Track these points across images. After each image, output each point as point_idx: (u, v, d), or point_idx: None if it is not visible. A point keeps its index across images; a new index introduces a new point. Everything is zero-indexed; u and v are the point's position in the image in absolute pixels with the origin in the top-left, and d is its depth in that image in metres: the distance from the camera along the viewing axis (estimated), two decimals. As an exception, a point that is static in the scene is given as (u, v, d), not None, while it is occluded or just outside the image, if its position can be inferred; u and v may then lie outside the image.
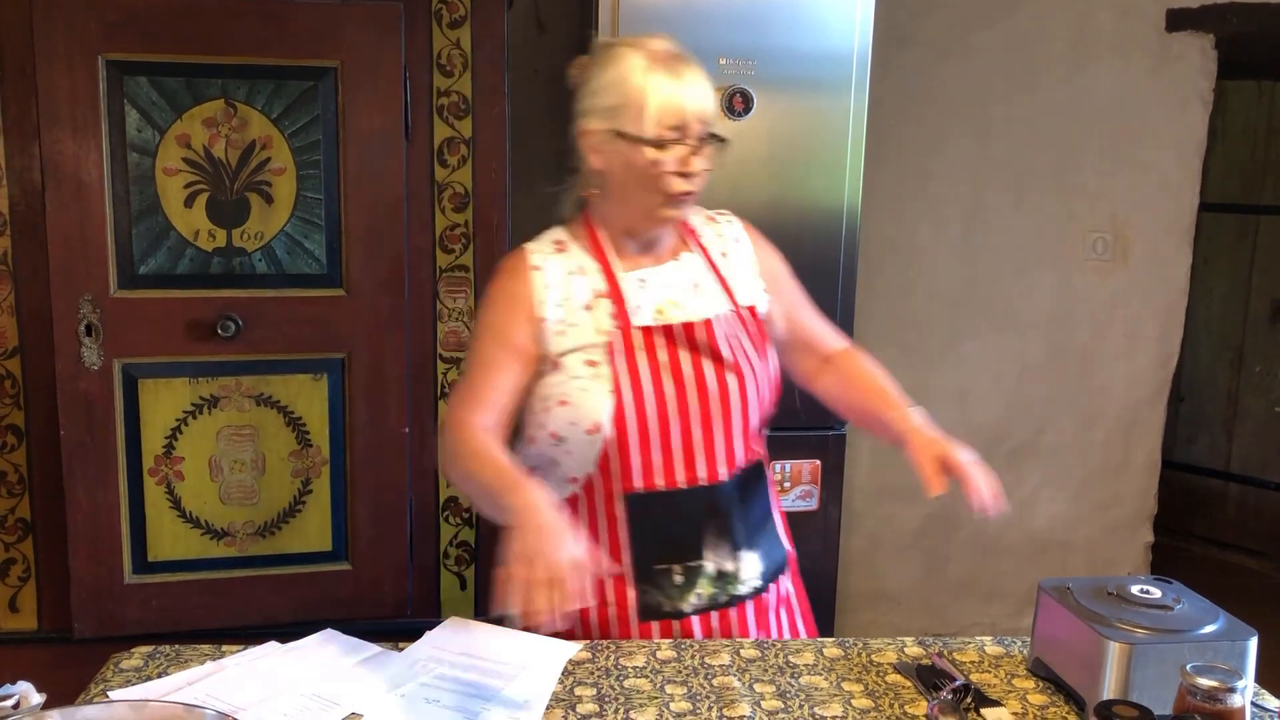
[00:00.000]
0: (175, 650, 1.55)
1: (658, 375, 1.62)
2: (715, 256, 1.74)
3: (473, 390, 1.64)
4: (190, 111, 2.24)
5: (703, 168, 1.62)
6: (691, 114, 1.58)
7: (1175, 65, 3.51)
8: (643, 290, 1.66)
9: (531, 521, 1.40)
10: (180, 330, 2.30)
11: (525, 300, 1.64)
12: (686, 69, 1.60)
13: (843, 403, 1.80)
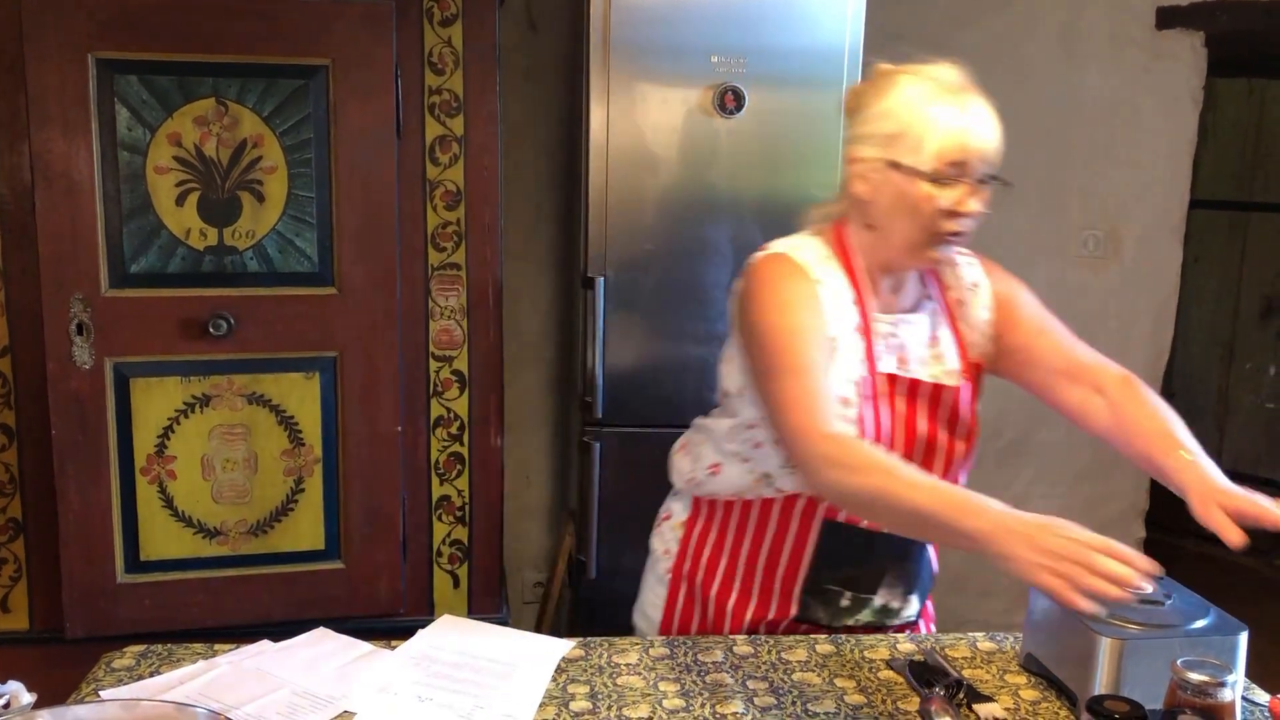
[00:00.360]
0: (167, 649, 1.54)
1: (894, 427, 1.57)
2: (953, 305, 1.66)
3: (819, 395, 1.47)
4: (181, 110, 2.24)
5: (977, 209, 1.53)
6: (974, 151, 1.50)
7: (1166, 63, 3.52)
8: (892, 337, 1.59)
9: (1018, 531, 1.26)
10: (172, 329, 2.30)
11: (820, 311, 1.53)
12: (972, 102, 1.51)
13: (1119, 444, 1.58)
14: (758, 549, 1.66)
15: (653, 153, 2.55)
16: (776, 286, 1.55)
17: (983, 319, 1.67)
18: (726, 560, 1.69)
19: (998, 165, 1.53)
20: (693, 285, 2.61)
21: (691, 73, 2.52)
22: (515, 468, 3.34)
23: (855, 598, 1.66)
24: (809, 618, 1.67)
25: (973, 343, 1.66)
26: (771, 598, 1.66)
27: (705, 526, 1.73)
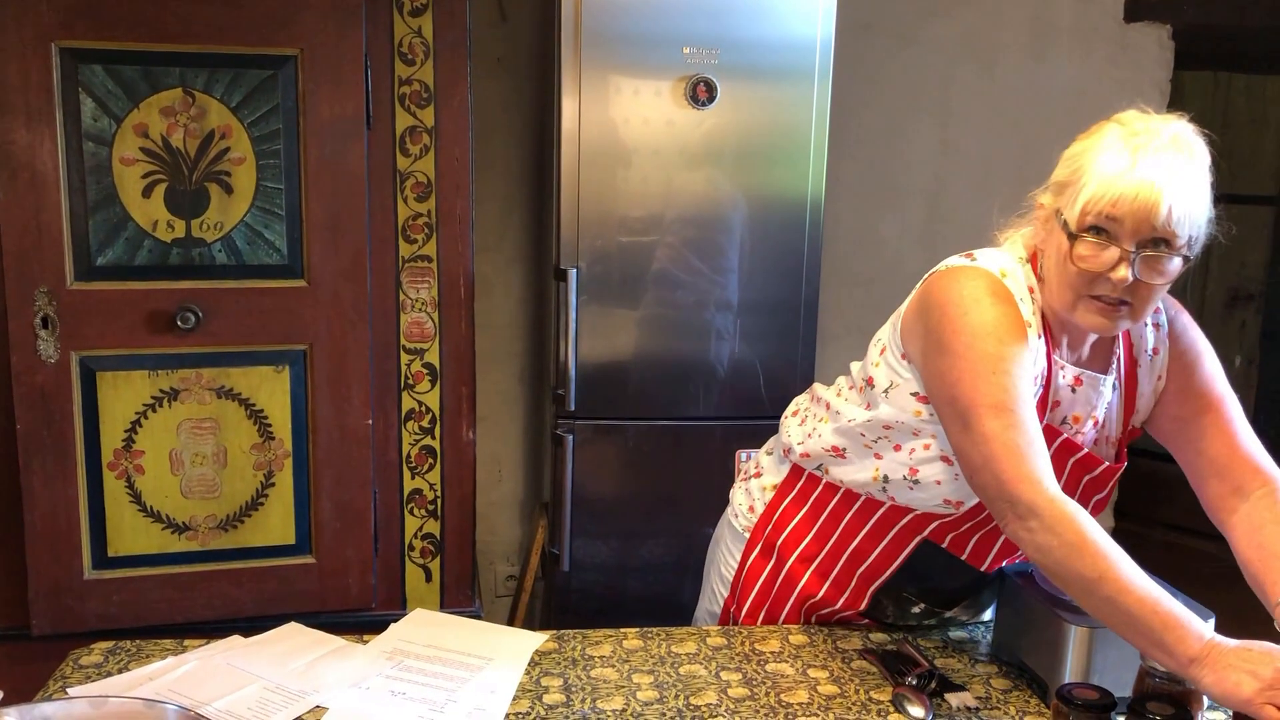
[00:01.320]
0: (136, 646, 1.53)
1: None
2: (1133, 362, 1.54)
3: (1034, 447, 1.36)
4: (147, 100, 2.21)
5: (1127, 276, 1.33)
6: (1131, 209, 1.31)
7: (1133, 55, 3.54)
8: (1070, 391, 1.49)
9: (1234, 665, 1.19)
10: (139, 322, 2.27)
11: (1029, 349, 1.42)
12: (1157, 158, 1.32)
13: (1240, 560, 1.47)
14: (847, 541, 1.62)
15: (625, 144, 2.54)
16: (990, 310, 1.41)
17: (1152, 387, 1.55)
18: (812, 538, 1.65)
19: (1180, 234, 1.33)
20: (665, 276, 2.61)
21: (663, 63, 2.51)
22: (487, 461, 3.33)
23: (928, 609, 1.66)
24: (876, 615, 1.67)
25: (1138, 410, 1.56)
26: (846, 588, 1.64)
27: (800, 498, 1.68)
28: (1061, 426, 1.48)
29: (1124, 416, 1.55)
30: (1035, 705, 1.44)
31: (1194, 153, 1.37)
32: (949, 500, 1.51)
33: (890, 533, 1.59)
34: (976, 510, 1.50)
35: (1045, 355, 1.45)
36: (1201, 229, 1.37)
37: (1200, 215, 1.36)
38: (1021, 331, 1.41)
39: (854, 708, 1.42)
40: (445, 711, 1.38)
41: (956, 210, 3.54)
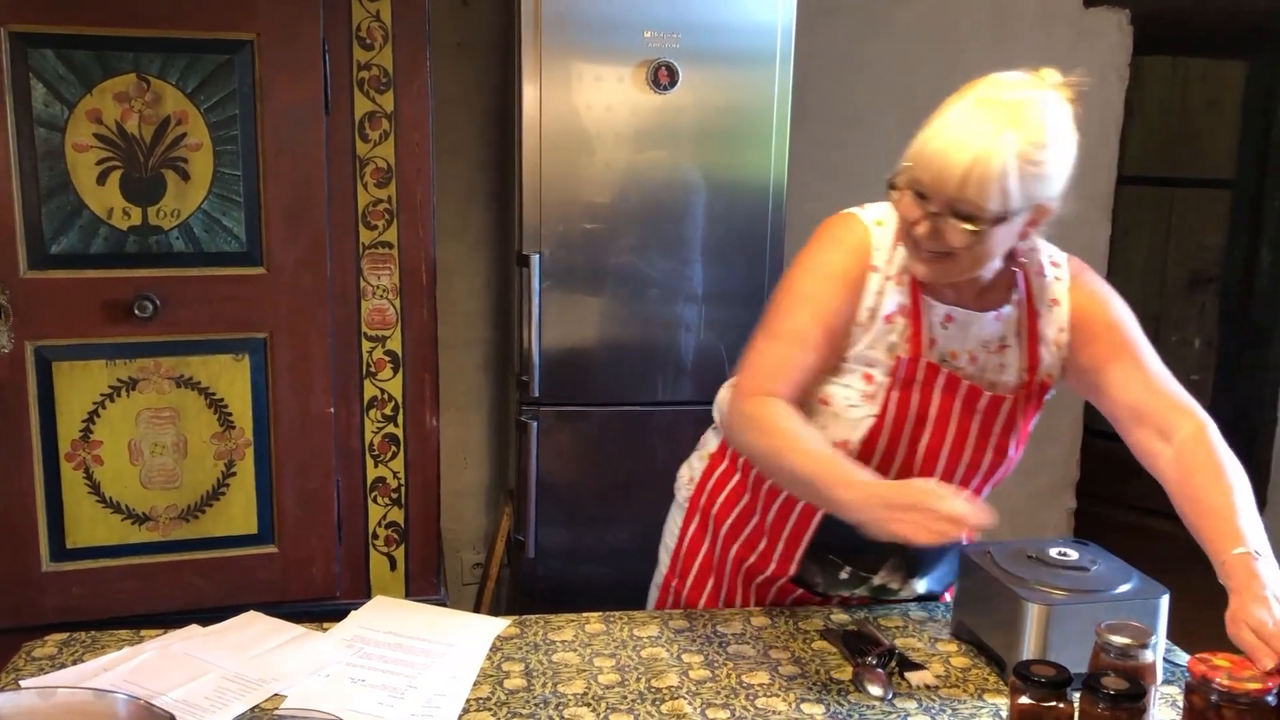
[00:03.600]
0: (91, 637, 1.51)
1: (921, 419, 1.54)
2: (1033, 312, 1.57)
3: (781, 363, 1.51)
4: (101, 85, 2.17)
5: (924, 232, 1.40)
6: (936, 176, 1.36)
7: (1093, 40, 3.57)
8: (943, 328, 1.54)
9: (877, 497, 1.34)
10: (95, 311, 2.24)
11: (855, 292, 1.51)
12: (979, 130, 1.35)
13: (1178, 507, 1.49)
14: (770, 503, 1.65)
15: (586, 129, 2.53)
16: (821, 249, 1.54)
17: (1054, 337, 1.58)
18: (743, 504, 1.70)
19: (987, 205, 1.35)
20: (629, 262, 2.61)
21: (624, 48, 2.51)
22: (452, 448, 3.32)
23: (854, 574, 1.66)
24: (805, 581, 1.68)
25: (1042, 359, 1.58)
26: (774, 553, 1.67)
27: (730, 465, 1.73)
28: (942, 363, 1.54)
29: (1029, 363, 1.57)
30: (994, 682, 1.46)
31: (1033, 124, 1.36)
32: (836, 443, 1.53)
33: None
34: (867, 453, 1.54)
35: (911, 290, 1.51)
36: (1019, 198, 1.37)
37: (1020, 188, 1.36)
38: (850, 280, 1.50)
39: (815, 688, 1.43)
40: (405, 697, 1.37)
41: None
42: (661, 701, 1.38)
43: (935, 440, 1.56)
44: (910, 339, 1.52)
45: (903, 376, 1.52)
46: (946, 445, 1.56)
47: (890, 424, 1.53)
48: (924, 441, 1.55)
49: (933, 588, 1.73)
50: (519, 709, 1.36)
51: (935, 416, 1.54)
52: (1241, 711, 1.17)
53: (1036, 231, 1.48)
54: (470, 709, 1.36)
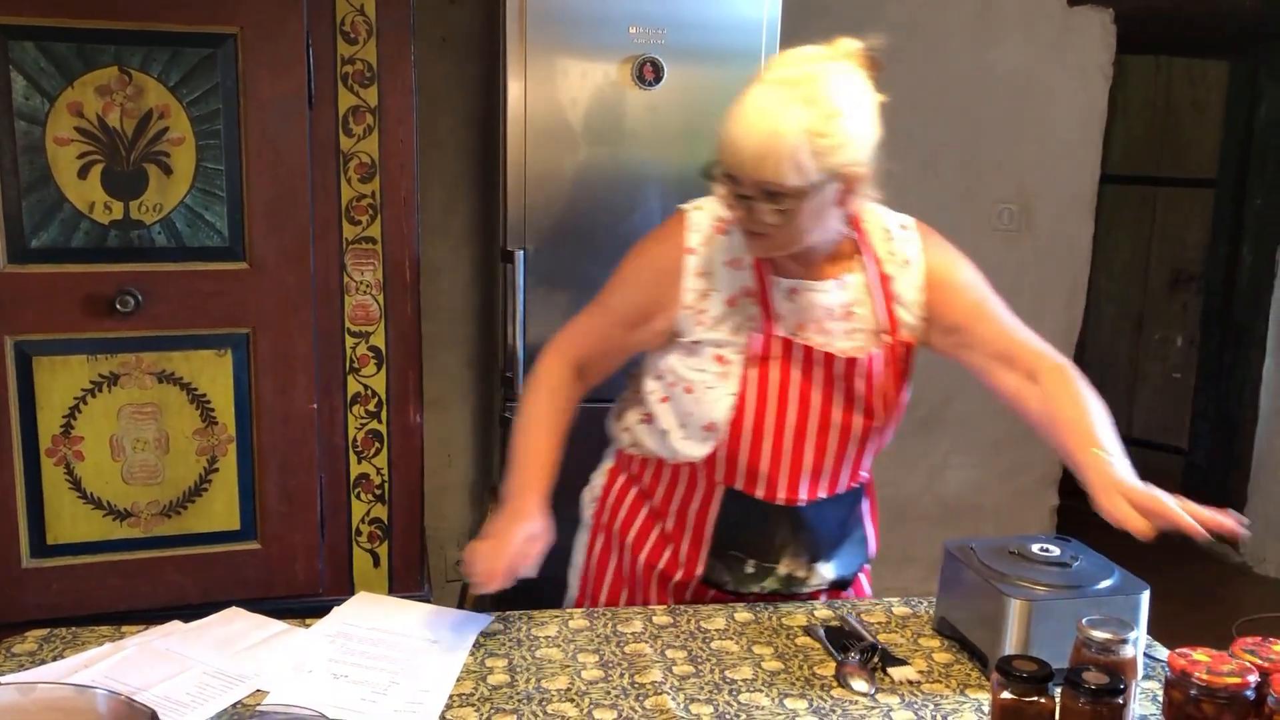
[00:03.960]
0: (72, 633, 1.51)
1: (784, 394, 1.57)
2: (885, 280, 1.61)
3: (584, 329, 1.67)
4: (82, 79, 2.16)
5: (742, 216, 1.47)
6: (735, 166, 1.43)
7: (1077, 39, 3.58)
8: (789, 301, 1.58)
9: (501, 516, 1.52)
10: (76, 306, 2.22)
11: (673, 275, 1.59)
12: (767, 111, 1.39)
13: (1045, 433, 1.57)
14: (667, 507, 1.69)
15: (572, 124, 2.53)
16: (647, 243, 1.66)
17: (913, 298, 1.62)
18: (644, 515, 1.72)
19: (786, 181, 1.40)
20: (614, 258, 2.58)
21: (610, 44, 2.50)
22: (436, 445, 3.31)
23: (759, 565, 1.67)
24: (714, 580, 1.69)
25: (903, 320, 1.62)
26: (680, 557, 1.68)
27: (627, 479, 1.76)
28: (795, 335, 1.57)
29: (889, 325, 1.60)
30: (976, 678, 1.46)
31: (818, 97, 1.40)
32: (705, 426, 1.59)
33: (698, 487, 1.65)
34: (735, 431, 1.57)
35: (755, 271, 1.56)
36: (811, 176, 1.41)
37: (814, 161, 1.40)
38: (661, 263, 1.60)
39: (798, 683, 1.43)
40: (388, 694, 1.37)
41: (903, 192, 3.55)
42: (645, 697, 1.38)
43: (801, 411, 1.59)
44: (758, 318, 1.57)
45: (757, 354, 1.56)
46: (813, 414, 1.59)
47: (753, 401, 1.57)
48: (791, 414, 1.59)
49: (842, 573, 1.74)
50: (502, 705, 1.36)
51: (797, 388, 1.58)
52: (1220, 706, 1.18)
53: (857, 196, 1.51)
54: (453, 705, 1.36)
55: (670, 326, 1.60)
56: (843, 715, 1.36)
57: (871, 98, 1.48)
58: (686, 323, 1.59)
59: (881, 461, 3.67)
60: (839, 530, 1.71)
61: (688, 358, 1.60)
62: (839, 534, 1.72)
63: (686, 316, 1.59)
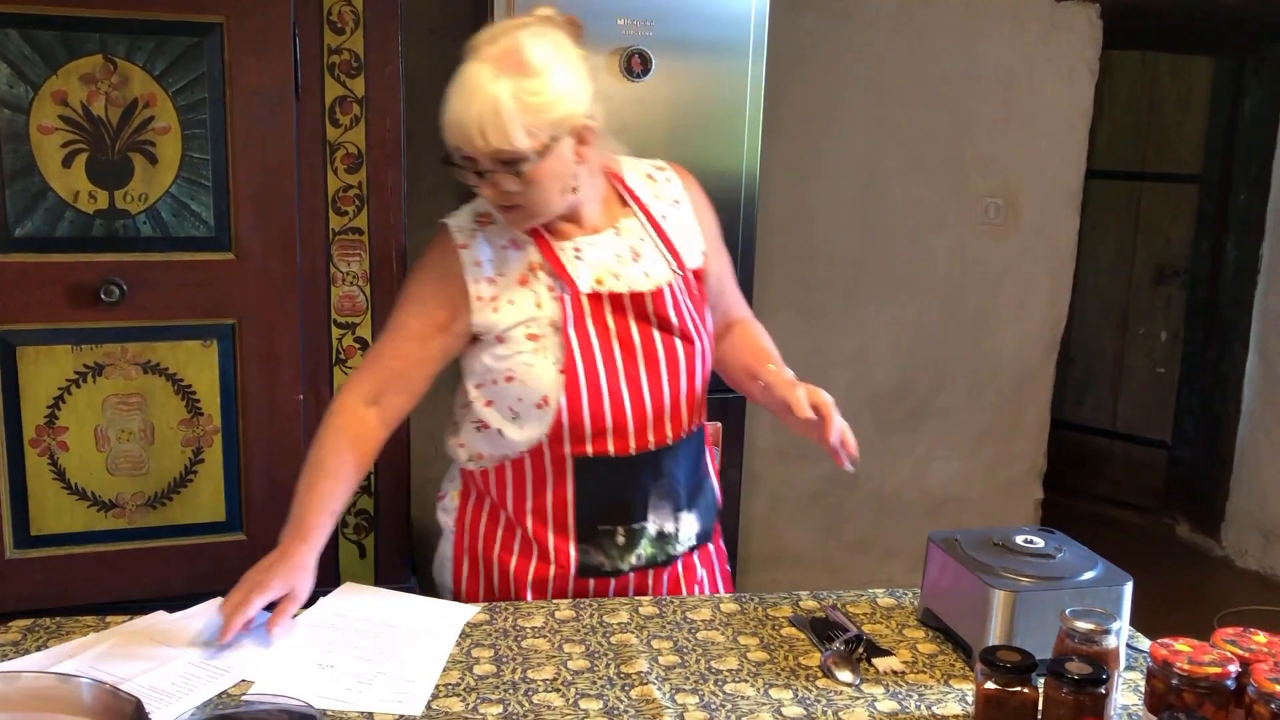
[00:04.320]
0: (56, 623, 1.50)
1: (607, 344, 1.60)
2: (656, 219, 1.69)
3: (377, 354, 1.66)
4: (66, 67, 2.14)
5: (491, 195, 1.52)
6: (458, 139, 1.49)
7: (1063, 34, 3.60)
8: (579, 260, 1.62)
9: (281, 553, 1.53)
10: (61, 296, 2.21)
11: (452, 276, 1.61)
12: (476, 86, 1.46)
13: (726, 364, 1.78)
14: (523, 507, 1.66)
15: (559, 117, 2.52)
16: (419, 262, 1.68)
17: (691, 229, 1.71)
18: (503, 528, 1.70)
19: (513, 146, 1.45)
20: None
21: (598, 35, 2.50)
22: (423, 437, 3.30)
23: (628, 530, 1.66)
24: (592, 565, 1.66)
25: (684, 250, 1.69)
26: (550, 554, 1.66)
27: (477, 496, 1.74)
28: (598, 286, 1.61)
29: (675, 260, 1.67)
30: (960, 668, 1.47)
31: (518, 62, 1.46)
32: (539, 404, 1.59)
33: (547, 473, 1.63)
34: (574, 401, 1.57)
35: (539, 246, 1.61)
36: (542, 129, 1.47)
37: (535, 120, 1.46)
38: (439, 270, 1.62)
39: (783, 673, 1.43)
40: (374, 684, 1.37)
41: (891, 186, 3.58)
42: (631, 687, 1.38)
43: (627, 354, 1.61)
44: (558, 284, 1.59)
45: (568, 315, 1.58)
46: (639, 353, 1.61)
47: (579, 360, 1.58)
48: (619, 359, 1.60)
49: (703, 524, 1.75)
50: (488, 694, 1.36)
51: (616, 335, 1.61)
52: (1201, 695, 1.19)
53: (593, 148, 1.56)
54: (439, 694, 1.36)
55: (466, 329, 1.62)
56: (827, 705, 1.36)
57: (573, 53, 1.53)
58: (483, 316, 1.60)
59: (866, 455, 3.68)
60: (694, 475, 1.73)
61: (498, 348, 1.60)
62: (694, 479, 1.73)
63: (481, 309, 1.60)
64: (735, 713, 1.34)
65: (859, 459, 1.59)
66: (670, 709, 1.33)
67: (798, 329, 3.57)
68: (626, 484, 1.65)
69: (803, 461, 3.61)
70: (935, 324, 3.69)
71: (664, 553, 1.70)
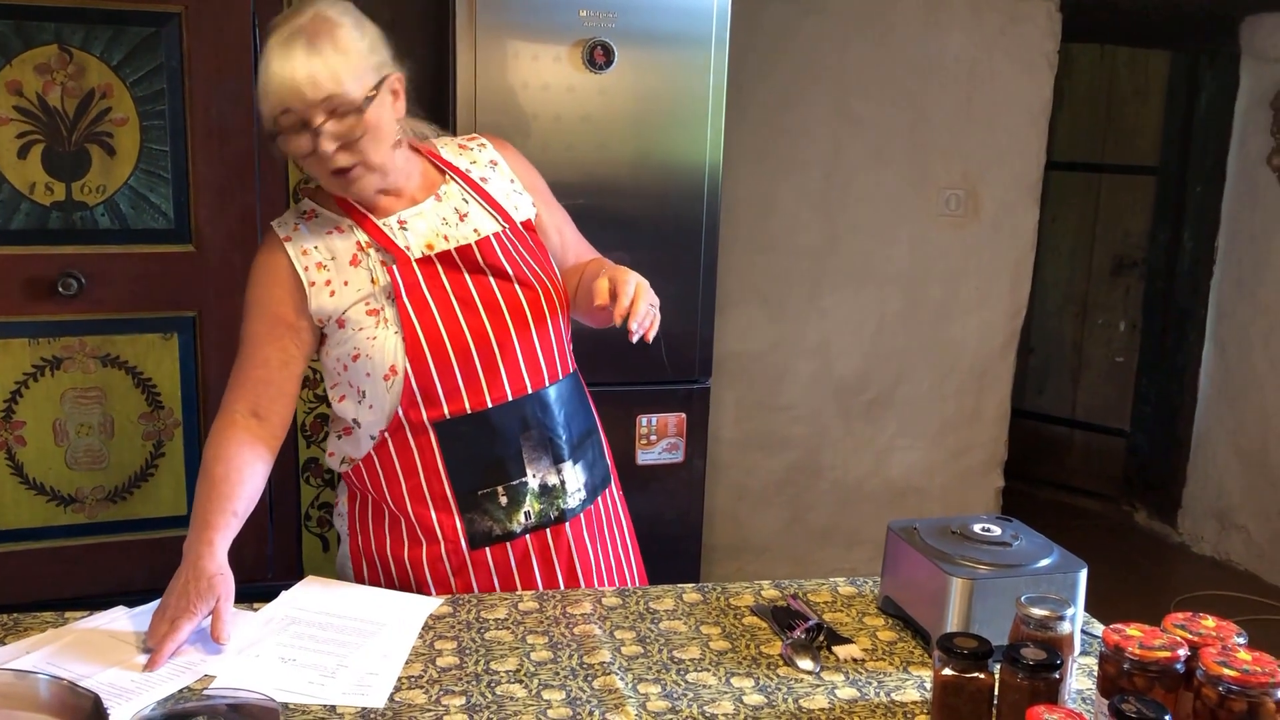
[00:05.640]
0: (14, 619, 1.49)
1: (445, 302, 1.61)
2: (475, 181, 1.72)
3: (239, 372, 1.63)
4: (20, 56, 2.12)
5: (329, 148, 1.52)
6: (288, 95, 1.49)
7: (1022, 27, 3.63)
8: (406, 231, 1.64)
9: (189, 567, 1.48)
10: (17, 289, 2.19)
11: (282, 271, 1.62)
12: (295, 45, 1.49)
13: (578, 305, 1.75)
14: (399, 493, 1.66)
15: (523, 108, 2.52)
16: (251, 269, 1.66)
17: (510, 189, 1.74)
18: (389, 521, 1.69)
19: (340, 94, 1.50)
20: (564, 243, 2.60)
21: (560, 27, 2.50)
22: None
23: (509, 489, 1.66)
24: (481, 534, 1.66)
25: (509, 207, 1.72)
26: (438, 533, 1.66)
27: (363, 498, 1.73)
28: (429, 251, 1.63)
29: (497, 210, 1.70)
30: (919, 655, 1.49)
31: (322, 25, 1.52)
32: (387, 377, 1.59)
33: (412, 449, 1.64)
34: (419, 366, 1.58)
35: (362, 226, 1.62)
36: (365, 76, 1.53)
37: (348, 69, 1.51)
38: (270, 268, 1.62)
39: (745, 662, 1.45)
40: (337, 676, 1.37)
41: (853, 177, 3.60)
42: (594, 677, 1.39)
43: (467, 307, 1.62)
44: (389, 256, 1.61)
45: (403, 283, 1.59)
46: (479, 304, 1.63)
47: (420, 325, 1.59)
48: (460, 313, 1.61)
49: (591, 479, 1.75)
50: (451, 686, 1.36)
51: (453, 291, 1.62)
52: (1151, 678, 1.21)
53: (401, 103, 1.61)
54: (402, 687, 1.36)
55: (311, 320, 1.62)
56: (788, 693, 1.38)
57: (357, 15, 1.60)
58: (320, 301, 1.60)
59: (829, 444, 3.71)
60: (572, 425, 1.72)
61: (341, 333, 1.61)
62: (574, 430, 1.73)
63: (316, 294, 1.60)
64: (697, 702, 1.35)
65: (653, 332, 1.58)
66: (633, 699, 1.34)
67: (760, 319, 3.59)
68: (492, 440, 1.64)
69: (766, 451, 3.63)
70: (897, 314, 3.72)
71: (554, 507, 1.69)
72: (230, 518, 1.54)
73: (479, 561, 1.67)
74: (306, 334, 1.63)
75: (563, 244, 1.81)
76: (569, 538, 1.71)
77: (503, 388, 1.63)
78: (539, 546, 1.69)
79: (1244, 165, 4.10)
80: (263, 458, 1.62)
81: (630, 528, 1.88)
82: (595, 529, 1.76)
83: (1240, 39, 4.04)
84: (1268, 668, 1.17)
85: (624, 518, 1.86)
